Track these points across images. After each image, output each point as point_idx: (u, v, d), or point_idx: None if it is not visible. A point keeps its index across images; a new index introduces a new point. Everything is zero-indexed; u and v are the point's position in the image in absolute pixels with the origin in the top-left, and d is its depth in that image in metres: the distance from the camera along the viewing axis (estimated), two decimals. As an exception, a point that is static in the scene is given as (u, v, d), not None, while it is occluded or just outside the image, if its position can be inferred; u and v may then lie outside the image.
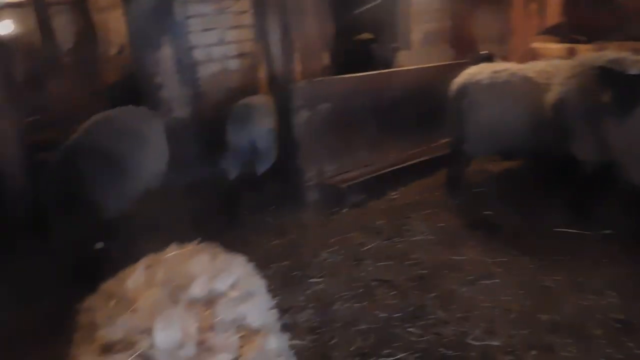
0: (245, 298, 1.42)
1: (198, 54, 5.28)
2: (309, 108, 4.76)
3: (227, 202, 4.76)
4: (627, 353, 2.82)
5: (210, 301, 1.35)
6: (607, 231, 3.96)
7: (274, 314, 1.58)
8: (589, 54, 4.50)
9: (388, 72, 5.68)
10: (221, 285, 1.42)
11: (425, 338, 3.07)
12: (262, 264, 3.86)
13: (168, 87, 5.19)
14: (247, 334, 1.30)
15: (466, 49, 6.09)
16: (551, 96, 4.28)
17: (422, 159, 5.41)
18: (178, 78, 5.21)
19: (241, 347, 1.25)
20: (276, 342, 1.36)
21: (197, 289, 1.37)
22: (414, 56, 6.31)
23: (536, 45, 5.89)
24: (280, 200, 4.89)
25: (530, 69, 4.52)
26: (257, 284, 1.61)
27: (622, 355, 2.80)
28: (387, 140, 5.37)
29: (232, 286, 1.44)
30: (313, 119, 4.78)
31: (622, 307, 3.17)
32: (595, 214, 4.13)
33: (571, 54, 5.35)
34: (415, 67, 5.70)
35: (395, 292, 3.53)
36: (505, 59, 5.48)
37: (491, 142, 4.70)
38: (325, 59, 5.38)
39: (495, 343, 2.98)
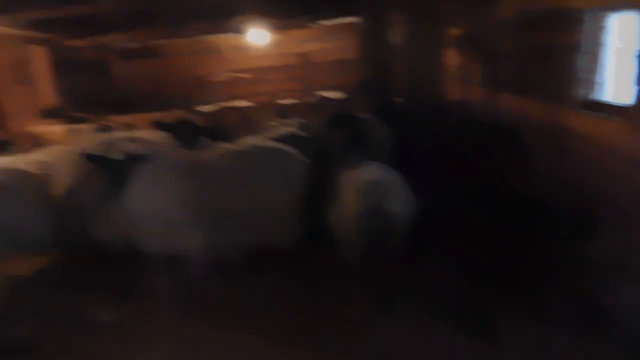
0: None
1: None
2: None
3: None
4: None
5: None
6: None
7: None
8: (86, 136, 4.42)
9: None
10: None
11: None
12: None
13: None
14: None
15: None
16: (59, 187, 4.01)
17: None
18: None
19: None
20: None
21: None
22: None
23: (36, 129, 5.44)
24: None
25: (23, 161, 4.07)
26: None
27: None
28: None
29: None
30: None
31: None
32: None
33: (78, 133, 5.18)
34: None
35: None
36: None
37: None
38: None
39: None
